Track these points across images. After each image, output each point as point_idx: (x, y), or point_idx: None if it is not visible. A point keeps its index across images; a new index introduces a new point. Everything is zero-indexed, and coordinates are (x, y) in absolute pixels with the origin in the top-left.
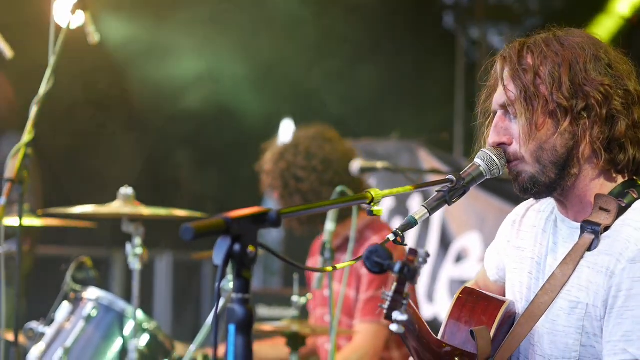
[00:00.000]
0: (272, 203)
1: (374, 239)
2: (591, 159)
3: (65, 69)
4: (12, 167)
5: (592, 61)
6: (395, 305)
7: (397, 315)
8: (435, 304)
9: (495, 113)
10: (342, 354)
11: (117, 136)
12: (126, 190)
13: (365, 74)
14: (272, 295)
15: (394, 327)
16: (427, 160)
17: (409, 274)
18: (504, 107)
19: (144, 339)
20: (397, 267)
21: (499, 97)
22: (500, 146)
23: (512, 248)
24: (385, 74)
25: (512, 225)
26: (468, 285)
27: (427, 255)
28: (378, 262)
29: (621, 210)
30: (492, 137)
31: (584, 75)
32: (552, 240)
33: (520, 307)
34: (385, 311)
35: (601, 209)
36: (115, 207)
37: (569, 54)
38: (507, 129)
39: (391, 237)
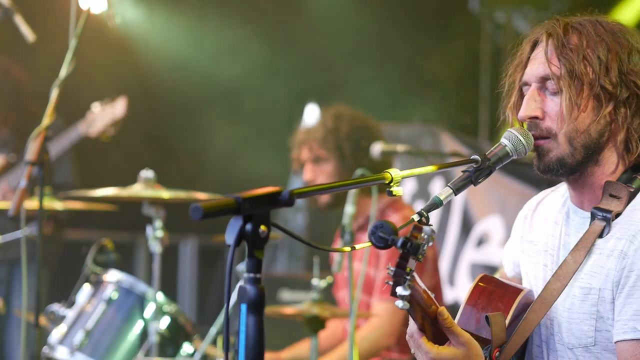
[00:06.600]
0: (299, 184)
1: (395, 218)
2: (618, 149)
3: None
4: (32, 149)
5: (635, 52)
6: (398, 280)
7: (400, 290)
8: (456, 287)
9: (523, 87)
10: (360, 333)
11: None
12: (147, 173)
13: (389, 58)
14: (296, 279)
15: (399, 304)
16: (450, 144)
17: (411, 249)
18: (543, 80)
19: (165, 321)
20: (399, 242)
21: (539, 68)
22: (533, 120)
23: (526, 243)
24: (409, 58)
25: (524, 220)
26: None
27: (433, 232)
28: (383, 237)
29: (631, 196)
30: (525, 110)
31: (628, 65)
32: (565, 232)
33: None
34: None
35: (611, 195)
36: (136, 189)
37: (614, 41)
38: (542, 104)
39: (416, 217)
